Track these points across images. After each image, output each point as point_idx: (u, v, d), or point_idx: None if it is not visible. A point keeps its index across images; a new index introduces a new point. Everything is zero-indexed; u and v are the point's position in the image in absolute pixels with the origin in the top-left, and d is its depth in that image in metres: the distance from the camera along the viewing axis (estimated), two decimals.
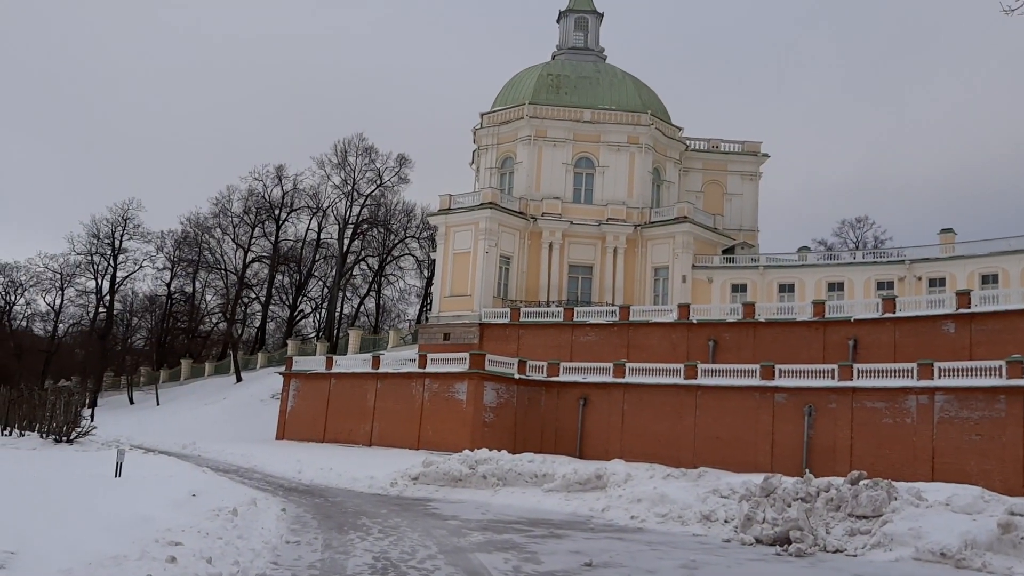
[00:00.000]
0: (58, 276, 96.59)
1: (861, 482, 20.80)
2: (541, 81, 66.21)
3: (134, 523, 11.90)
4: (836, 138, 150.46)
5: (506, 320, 56.73)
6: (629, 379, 46.99)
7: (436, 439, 46.61)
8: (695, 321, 51.69)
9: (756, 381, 43.61)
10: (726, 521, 20.47)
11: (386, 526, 18.96)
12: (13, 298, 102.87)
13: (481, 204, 59.32)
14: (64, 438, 34.26)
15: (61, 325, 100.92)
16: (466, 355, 47.97)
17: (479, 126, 67.31)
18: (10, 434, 35.38)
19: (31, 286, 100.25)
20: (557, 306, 57.74)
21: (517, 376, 48.41)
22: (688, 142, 69.50)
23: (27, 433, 35.39)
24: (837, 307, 49.96)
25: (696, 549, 17.64)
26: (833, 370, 41.82)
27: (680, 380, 45.55)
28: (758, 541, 19.18)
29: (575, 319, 54.84)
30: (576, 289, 62.10)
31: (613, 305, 57.15)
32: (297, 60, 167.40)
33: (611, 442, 46.44)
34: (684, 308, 52.71)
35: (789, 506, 20.13)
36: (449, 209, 60.89)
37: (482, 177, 66.33)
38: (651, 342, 52.22)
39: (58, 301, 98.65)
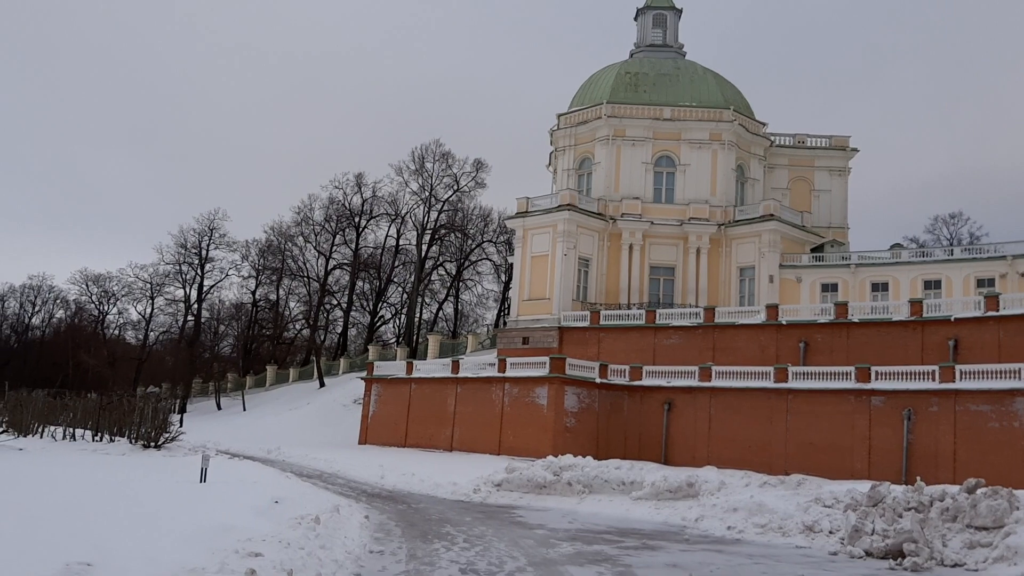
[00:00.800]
0: (148, 286, 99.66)
1: (979, 490, 19.24)
2: (619, 80, 65.07)
3: (215, 532, 11.50)
4: (928, 132, 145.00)
5: (586, 323, 55.76)
6: (716, 383, 45.52)
7: (517, 444, 45.97)
8: (784, 322, 49.85)
9: (851, 384, 41.69)
10: (831, 532, 19.17)
11: (471, 535, 18.36)
12: (107, 308, 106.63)
13: (559, 206, 58.50)
14: (152, 444, 34.70)
15: (152, 333, 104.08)
16: (546, 359, 47.23)
17: (556, 127, 66.56)
18: (101, 440, 36.02)
19: (123, 296, 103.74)
20: (638, 308, 56.53)
21: (599, 380, 47.41)
22: (772, 138, 67.41)
23: (117, 439, 35.98)
24: (935, 306, 47.46)
25: (802, 563, 16.46)
26: (934, 371, 39.62)
27: (770, 383, 43.89)
28: (868, 554, 17.85)
29: (657, 322, 53.53)
30: (657, 291, 60.72)
31: (697, 307, 55.60)
32: (374, 69, 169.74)
33: (698, 448, 45.08)
34: (772, 309, 50.88)
35: (900, 516, 18.72)
36: (526, 212, 60.26)
37: (559, 179, 65.53)
38: (738, 344, 50.57)
39: (148, 310, 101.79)
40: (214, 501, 16.32)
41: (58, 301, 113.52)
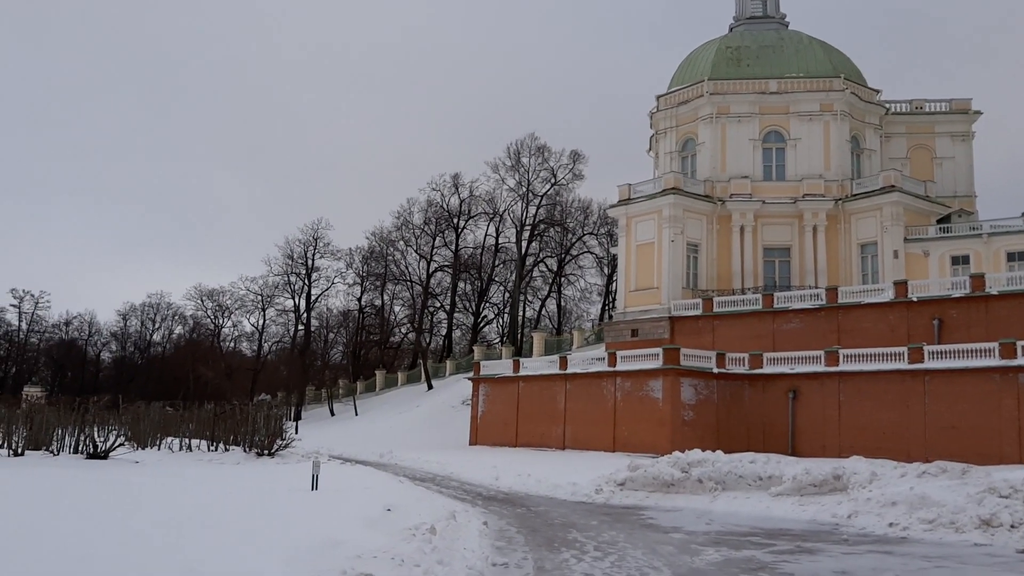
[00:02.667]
0: (259, 298, 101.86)
1: None
2: (720, 55, 62.19)
3: (322, 549, 10.27)
4: None
5: (698, 311, 53.29)
6: (844, 367, 42.54)
7: (632, 440, 44.09)
8: (915, 299, 46.30)
9: (995, 361, 38.22)
10: (1013, 527, 16.68)
11: (601, 541, 16.59)
12: (221, 321, 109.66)
13: (663, 190, 56.16)
14: (266, 451, 34.42)
15: (265, 344, 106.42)
16: (659, 350, 45.12)
17: (655, 109, 64.15)
18: (216, 449, 35.99)
19: (236, 309, 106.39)
20: (753, 293, 53.69)
21: (716, 370, 45.03)
22: (887, 106, 63.22)
23: (232, 448, 35.89)
24: None
25: (992, 565, 14.10)
26: None
27: (904, 365, 40.69)
28: None
29: (776, 306, 50.63)
30: (773, 274, 57.62)
31: (817, 288, 52.39)
32: (465, 66, 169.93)
33: (827, 437, 42.26)
34: (901, 285, 47.34)
35: None
36: (629, 199, 58.13)
37: (662, 163, 63.10)
38: (864, 325, 47.28)
39: (261, 321, 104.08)
40: (324, 511, 15.20)
41: (176, 317, 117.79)
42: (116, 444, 30.40)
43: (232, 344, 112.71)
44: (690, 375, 44.18)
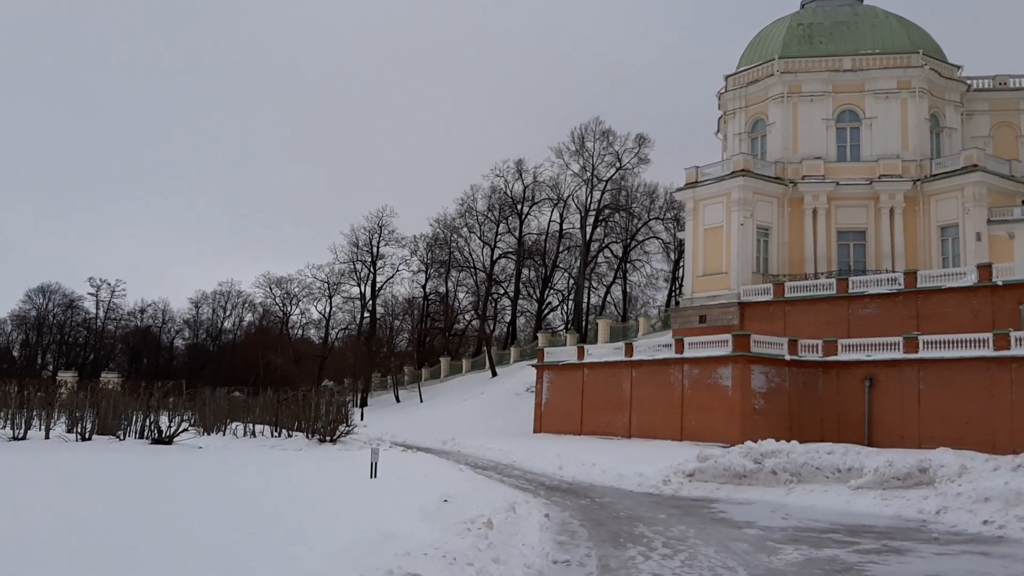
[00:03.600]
0: (325, 285, 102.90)
1: None
2: (791, 32, 60.04)
3: (371, 544, 9.66)
4: None
5: (769, 297, 51.65)
6: (924, 354, 40.67)
7: (701, 429, 42.93)
8: (1000, 283, 43.99)
9: None
10: None
11: (670, 537, 15.60)
12: (290, 309, 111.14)
13: (732, 173, 54.50)
14: (328, 438, 34.27)
15: (332, 331, 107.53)
16: (728, 337, 43.79)
17: (724, 90, 62.34)
18: (279, 435, 36.00)
19: (304, 297, 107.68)
20: (827, 278, 51.80)
21: (788, 357, 43.51)
22: (969, 82, 60.29)
23: (295, 434, 35.85)
24: None
25: None
26: None
27: (989, 352, 38.70)
28: None
29: (851, 290, 48.75)
30: (847, 257, 55.53)
31: (894, 272, 50.27)
32: (529, 51, 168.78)
33: (906, 427, 40.50)
34: (985, 269, 45.04)
35: None
36: (696, 182, 56.59)
37: (730, 144, 61.32)
38: (946, 311, 45.14)
39: (327, 309, 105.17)
40: (379, 501, 14.63)
41: (246, 305, 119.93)
42: (180, 430, 30.50)
43: (300, 332, 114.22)
44: (761, 362, 42.78)
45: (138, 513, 12.07)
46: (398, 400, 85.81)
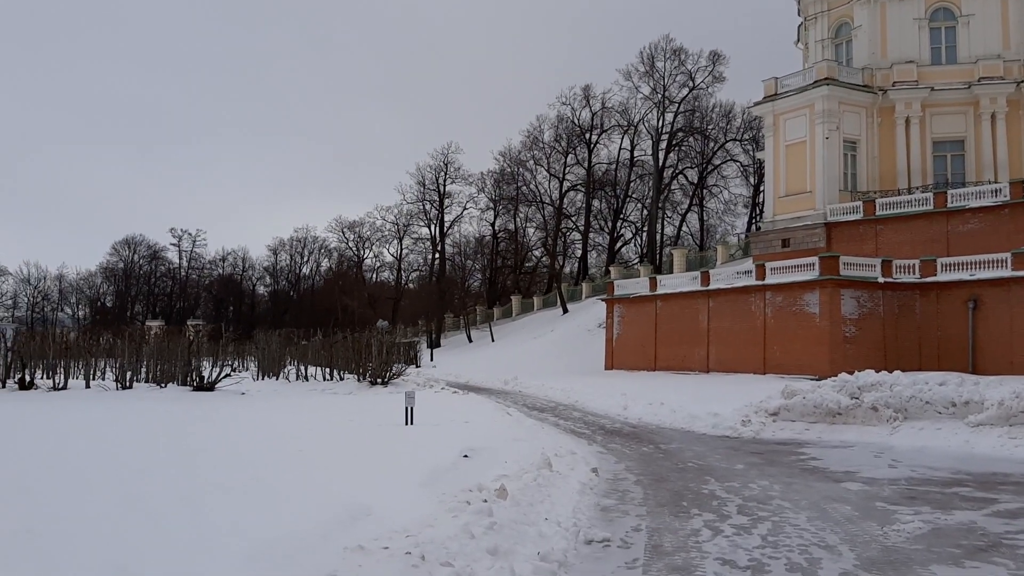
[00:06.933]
0: (395, 227, 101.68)
1: None
2: None
3: (323, 532, 7.16)
4: None
5: (858, 215, 47.37)
6: None
7: (785, 361, 39.63)
8: None
9: None
10: None
11: (748, 497, 12.34)
12: (363, 252, 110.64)
13: (815, 82, 49.79)
14: (380, 380, 32.40)
15: (404, 273, 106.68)
16: (815, 260, 40.04)
17: None
18: (332, 379, 34.38)
19: (376, 240, 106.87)
20: (922, 192, 47.15)
21: (881, 280, 39.59)
22: None
23: (347, 376, 34.20)
24: None
25: None
26: None
27: None
28: None
29: (949, 205, 44.14)
30: (944, 170, 50.51)
31: (998, 183, 45.36)
32: None
33: (1016, 352, 36.44)
34: None
35: None
36: (776, 95, 52.05)
37: (812, 53, 56.23)
38: None
39: (398, 250, 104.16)
40: (387, 460, 12.15)
41: (322, 251, 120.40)
42: (223, 375, 29.01)
43: (374, 276, 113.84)
44: (851, 286, 39.03)
45: (78, 477, 10.00)
46: (470, 340, 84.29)
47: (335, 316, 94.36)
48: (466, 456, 12.44)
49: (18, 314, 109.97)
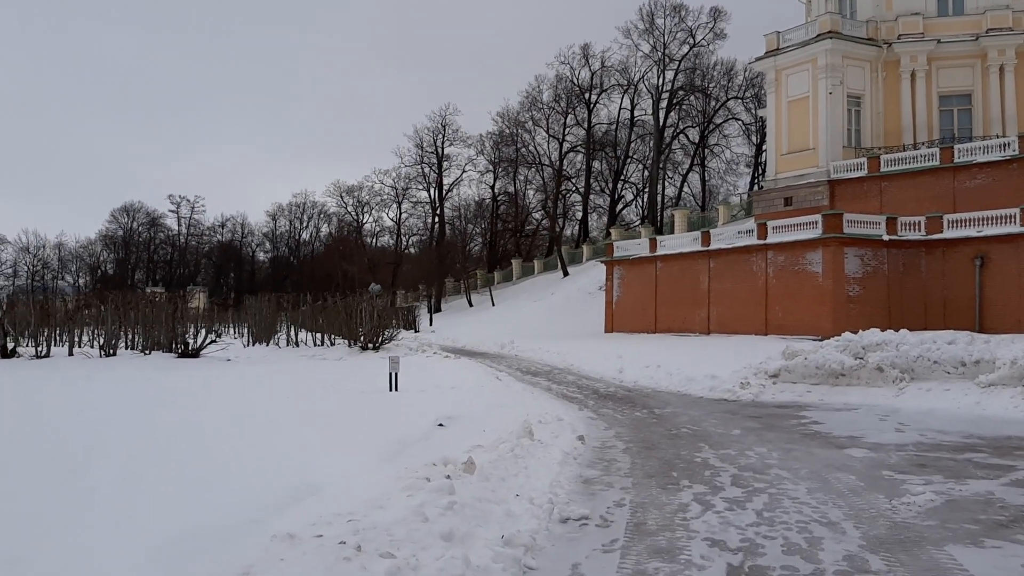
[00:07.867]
0: (393, 191, 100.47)
1: None
2: None
3: (264, 511, 6.42)
4: None
5: (863, 172, 46.28)
6: None
7: (788, 322, 38.82)
8: None
9: None
10: None
11: (743, 466, 11.49)
12: (362, 216, 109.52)
13: (818, 35, 48.40)
14: (371, 345, 31.65)
15: (404, 238, 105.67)
16: (817, 217, 39.05)
17: None
18: (322, 344, 33.64)
19: (375, 204, 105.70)
20: (928, 147, 45.99)
21: (886, 237, 38.62)
22: None
23: (337, 341, 33.45)
24: None
25: None
26: None
27: None
28: None
29: (956, 160, 43.06)
30: (950, 125, 49.25)
31: (1006, 137, 44.19)
32: None
33: None
34: None
35: None
36: (777, 49, 50.65)
37: (815, 5, 54.64)
38: None
39: (397, 215, 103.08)
40: (355, 430, 11.38)
41: (321, 216, 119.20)
42: (207, 342, 28.28)
43: (373, 240, 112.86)
44: (855, 244, 38.08)
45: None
46: (471, 304, 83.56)
47: (336, 282, 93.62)
48: (441, 425, 11.67)
49: (18, 283, 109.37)
